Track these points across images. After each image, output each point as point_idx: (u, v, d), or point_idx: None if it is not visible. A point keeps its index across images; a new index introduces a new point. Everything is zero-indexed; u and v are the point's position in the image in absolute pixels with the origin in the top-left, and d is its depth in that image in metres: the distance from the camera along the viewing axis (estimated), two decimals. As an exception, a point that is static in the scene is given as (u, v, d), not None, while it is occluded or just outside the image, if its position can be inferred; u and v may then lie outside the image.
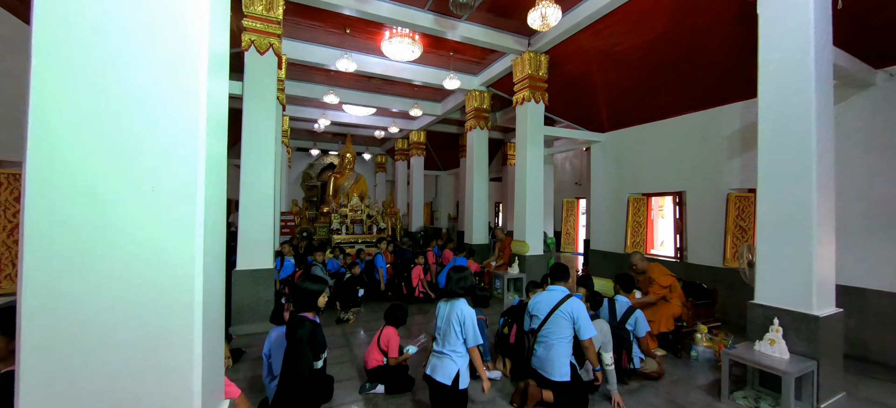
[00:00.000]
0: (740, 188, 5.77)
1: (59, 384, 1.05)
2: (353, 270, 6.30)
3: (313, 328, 2.45)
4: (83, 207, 1.08)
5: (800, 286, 3.26)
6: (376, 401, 3.29)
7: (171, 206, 1.16)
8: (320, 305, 2.64)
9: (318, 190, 16.79)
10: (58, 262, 1.05)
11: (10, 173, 3.59)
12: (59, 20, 1.06)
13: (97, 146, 1.10)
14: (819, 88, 3.23)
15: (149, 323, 1.14)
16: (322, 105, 10.82)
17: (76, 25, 1.07)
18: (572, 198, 13.11)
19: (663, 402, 3.36)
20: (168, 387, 1.15)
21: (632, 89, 6.66)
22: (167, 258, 1.16)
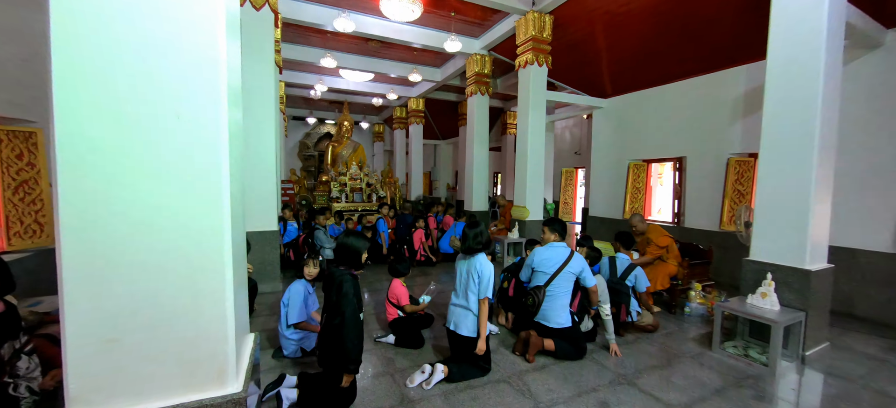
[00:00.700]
0: (741, 153, 5.81)
1: (100, 304, 1.10)
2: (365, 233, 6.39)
3: (355, 282, 2.47)
4: (113, 132, 1.09)
5: (795, 243, 3.36)
6: (386, 351, 3.43)
7: (198, 134, 1.18)
8: (362, 261, 2.67)
9: (316, 160, 16.68)
10: (91, 188, 1.08)
11: (10, 130, 3.54)
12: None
13: (124, 86, 1.10)
14: (830, 46, 3.21)
15: (182, 248, 1.18)
16: (318, 70, 10.58)
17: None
18: (571, 168, 13.12)
19: (658, 351, 3.52)
20: (203, 308, 1.21)
21: (636, 53, 6.56)
22: (197, 186, 1.19)
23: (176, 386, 1.19)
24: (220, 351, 1.24)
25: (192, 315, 1.20)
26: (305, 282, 3.30)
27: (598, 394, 2.80)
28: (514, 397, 2.74)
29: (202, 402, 1.20)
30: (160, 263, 1.16)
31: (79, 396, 1.10)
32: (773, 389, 2.92)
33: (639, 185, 7.42)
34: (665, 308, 4.64)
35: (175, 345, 1.19)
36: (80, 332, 1.09)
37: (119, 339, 1.12)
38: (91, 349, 1.10)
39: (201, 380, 1.22)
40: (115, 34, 1.09)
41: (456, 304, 3.04)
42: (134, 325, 1.14)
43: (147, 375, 1.16)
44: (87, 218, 1.08)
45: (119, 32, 1.09)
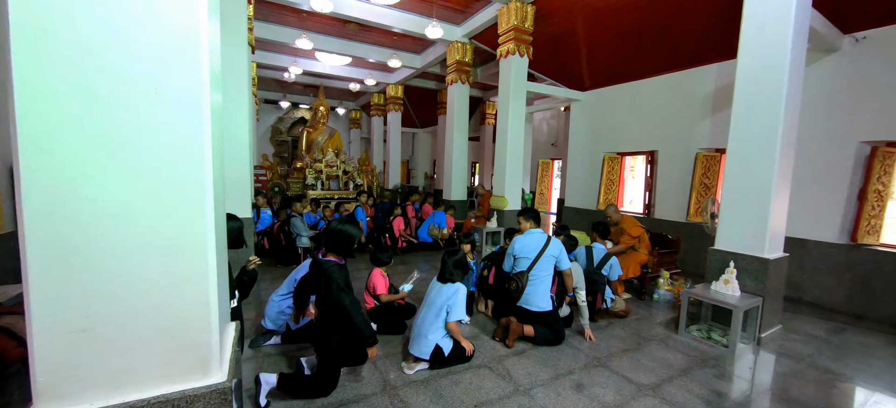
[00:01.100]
0: (708, 148, 6.10)
1: (69, 290, 1.03)
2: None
3: (344, 272, 2.46)
4: (83, 107, 1.01)
5: (756, 234, 3.59)
6: None
7: (179, 111, 1.11)
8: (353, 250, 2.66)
9: (289, 145, 16.13)
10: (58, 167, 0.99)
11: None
12: None
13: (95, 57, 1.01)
14: (795, 49, 3.40)
15: (160, 232, 1.11)
16: (293, 51, 10.16)
17: None
18: (548, 159, 13.38)
19: (629, 335, 3.70)
20: (184, 295, 1.15)
21: (615, 47, 6.71)
22: (178, 167, 1.12)
23: (156, 377, 1.14)
24: (202, 340, 1.19)
25: (173, 303, 1.14)
26: None
27: (574, 376, 2.91)
28: (495, 381, 2.81)
29: (185, 393, 1.15)
30: (137, 249, 1.09)
31: (48, 390, 1.03)
32: (732, 368, 3.14)
33: (613, 177, 7.66)
34: (636, 295, 4.86)
35: (154, 334, 1.13)
36: (49, 322, 1.01)
37: (92, 329, 1.05)
38: (61, 340, 1.03)
39: (183, 370, 1.17)
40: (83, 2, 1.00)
41: (417, 328, 2.93)
42: (108, 314, 1.07)
43: (124, 366, 1.10)
44: (55, 200, 1.00)
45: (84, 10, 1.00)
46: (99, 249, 1.05)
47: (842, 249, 4.61)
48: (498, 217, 6.96)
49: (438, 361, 2.88)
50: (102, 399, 1.08)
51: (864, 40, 4.44)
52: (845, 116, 4.59)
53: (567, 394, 2.68)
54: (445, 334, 2.92)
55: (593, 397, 2.66)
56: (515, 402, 2.57)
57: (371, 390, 2.63)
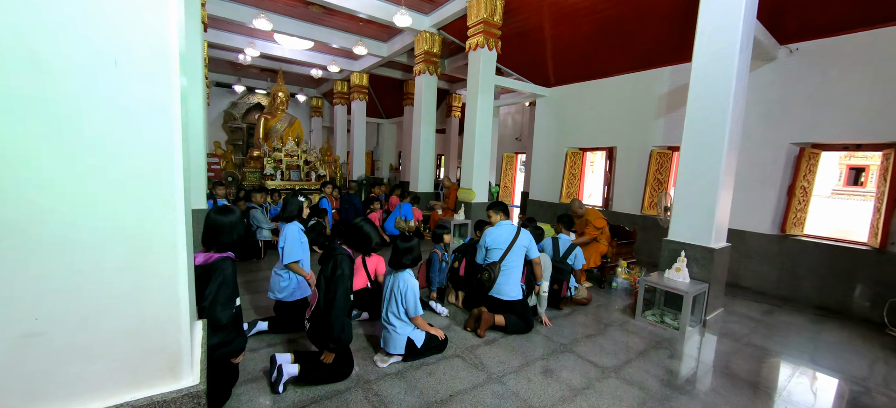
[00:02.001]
0: (662, 145, 6.52)
1: (13, 292, 0.91)
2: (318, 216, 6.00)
3: (351, 262, 2.65)
4: (26, 76, 0.88)
5: (704, 226, 3.91)
6: (354, 328, 3.37)
7: (144, 87, 1.00)
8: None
9: (244, 133, 15.21)
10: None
11: None
12: None
13: (46, 19, 0.88)
14: (741, 56, 3.70)
15: (123, 223, 1.00)
16: (250, 32, 9.54)
17: None
18: (512, 153, 13.67)
19: (591, 321, 3.90)
20: (150, 294, 1.05)
21: (578, 45, 6.94)
22: (143, 151, 1.01)
23: (120, 383, 1.03)
24: (171, 341, 1.09)
25: (138, 302, 1.04)
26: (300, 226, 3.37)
27: (543, 362, 3.03)
28: (468, 370, 2.86)
29: (153, 399, 1.05)
30: (96, 243, 0.97)
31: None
32: (682, 348, 3.41)
33: (574, 171, 7.98)
34: (596, 283, 5.13)
35: (117, 336, 1.02)
36: (-12, 324, 0.89)
37: (42, 333, 0.93)
38: (3, 347, 0.90)
39: (150, 375, 1.07)
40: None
41: (384, 323, 2.92)
42: (62, 315, 0.95)
43: (81, 372, 0.98)
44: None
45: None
46: (50, 245, 0.93)
47: (773, 239, 5.14)
48: (465, 210, 7.03)
49: (412, 353, 2.88)
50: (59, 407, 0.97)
51: (797, 51, 4.93)
52: (779, 119, 5.09)
53: (537, 380, 2.78)
54: (414, 327, 2.92)
55: (562, 381, 2.79)
56: (488, 390, 2.63)
57: (345, 385, 2.57)
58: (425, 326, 2.97)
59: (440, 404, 2.44)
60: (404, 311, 2.83)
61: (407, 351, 2.85)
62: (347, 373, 2.63)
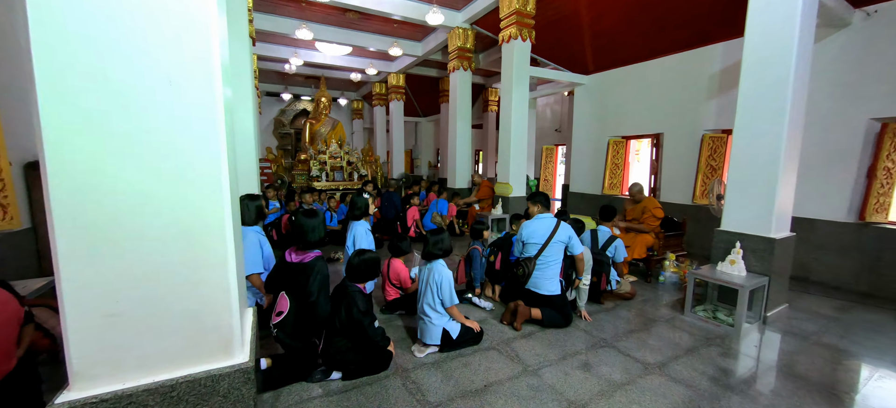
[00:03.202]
0: (715, 129, 6.04)
1: (98, 278, 1.08)
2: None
3: (366, 298, 2.72)
4: (101, 100, 1.04)
5: (762, 214, 3.59)
6: (391, 319, 3.54)
7: (194, 102, 1.13)
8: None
9: (292, 138, 16.15)
10: (80, 159, 1.03)
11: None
12: None
13: (110, 50, 1.04)
14: (803, 25, 3.34)
15: (181, 220, 1.15)
16: (293, 42, 10.12)
17: None
18: (552, 145, 13.30)
19: (635, 316, 3.74)
20: (206, 280, 1.20)
21: (618, 28, 6.61)
22: (196, 156, 1.15)
23: (183, 358, 1.19)
24: (224, 323, 1.24)
25: (195, 287, 1.19)
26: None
27: (582, 357, 2.97)
28: (503, 362, 2.87)
29: (210, 372, 1.20)
30: (159, 236, 1.13)
31: (82, 371, 1.09)
32: (737, 346, 3.17)
33: (617, 161, 7.63)
34: (641, 277, 4.89)
35: (179, 317, 1.18)
36: (80, 308, 1.06)
37: (120, 313, 1.10)
38: (92, 325, 1.08)
39: (208, 351, 1.22)
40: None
41: (420, 314, 2.99)
42: (135, 298, 1.12)
43: (152, 348, 1.15)
44: (80, 192, 1.04)
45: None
46: (123, 238, 1.09)
47: (850, 228, 4.59)
48: (502, 204, 6.98)
49: (448, 344, 2.94)
50: (133, 380, 1.14)
51: (875, 14, 4.34)
52: (855, 93, 4.52)
53: (575, 373, 2.73)
54: (450, 318, 2.98)
55: (601, 376, 2.71)
56: (524, 381, 2.63)
57: (384, 373, 2.70)
58: (460, 317, 3.02)
59: (475, 393, 2.49)
60: (440, 302, 2.91)
61: (443, 342, 2.93)
62: (386, 366, 2.73)
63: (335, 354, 2.56)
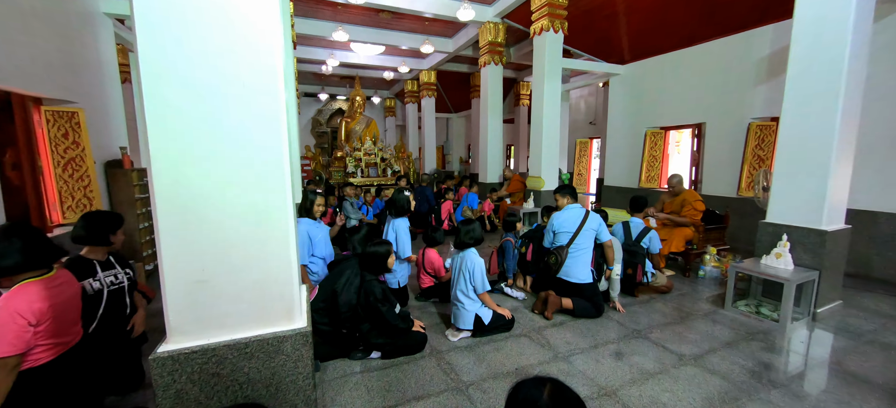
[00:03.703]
0: (763, 117, 5.72)
1: (189, 248, 1.29)
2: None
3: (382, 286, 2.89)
4: (192, 102, 1.25)
5: (812, 204, 3.40)
6: (426, 306, 3.74)
7: (263, 102, 1.33)
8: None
9: (329, 136, 16.82)
10: (177, 150, 1.24)
11: (56, 110, 3.77)
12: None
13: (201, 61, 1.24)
14: (860, 2, 3.13)
15: (255, 203, 1.35)
16: (330, 44, 10.55)
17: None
18: (586, 138, 12.98)
19: (671, 309, 3.68)
20: (272, 255, 1.39)
21: (656, 15, 6.39)
22: (265, 148, 1.35)
23: (254, 320, 1.40)
24: (287, 293, 1.43)
25: (264, 261, 1.39)
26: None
27: (614, 346, 2.99)
28: (534, 348, 2.95)
29: (276, 334, 1.40)
30: (236, 216, 1.33)
31: (177, 327, 1.31)
32: (782, 342, 3.06)
33: (655, 153, 7.38)
34: (679, 272, 4.76)
35: (252, 286, 1.38)
36: (175, 274, 1.29)
37: (206, 280, 1.32)
38: (184, 288, 1.30)
39: (274, 316, 1.42)
40: (187, 14, 1.22)
41: (454, 301, 3.14)
42: (218, 268, 1.33)
43: (230, 310, 1.36)
44: (175, 179, 1.25)
45: (190, 13, 1.22)
46: (208, 217, 1.30)
47: (918, 221, 4.21)
48: (534, 197, 6.98)
49: (480, 329, 3.07)
50: (215, 337, 1.35)
51: (950, -15, 3.94)
52: (925, 73, 4.13)
53: (606, 361, 2.77)
54: (482, 304, 3.09)
55: (633, 364, 2.73)
56: (555, 366, 2.70)
57: (420, 354, 2.87)
58: (492, 304, 3.13)
59: (506, 375, 2.59)
60: (472, 288, 3.03)
61: (475, 327, 3.05)
62: (422, 348, 2.91)
63: (362, 337, 2.76)
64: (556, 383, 0.98)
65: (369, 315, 2.75)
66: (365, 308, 2.75)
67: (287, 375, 1.44)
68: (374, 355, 2.82)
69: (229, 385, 1.37)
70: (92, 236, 2.17)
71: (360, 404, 2.32)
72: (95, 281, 2.13)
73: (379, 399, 2.35)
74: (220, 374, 1.35)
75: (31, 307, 1.45)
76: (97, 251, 2.21)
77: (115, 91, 4.81)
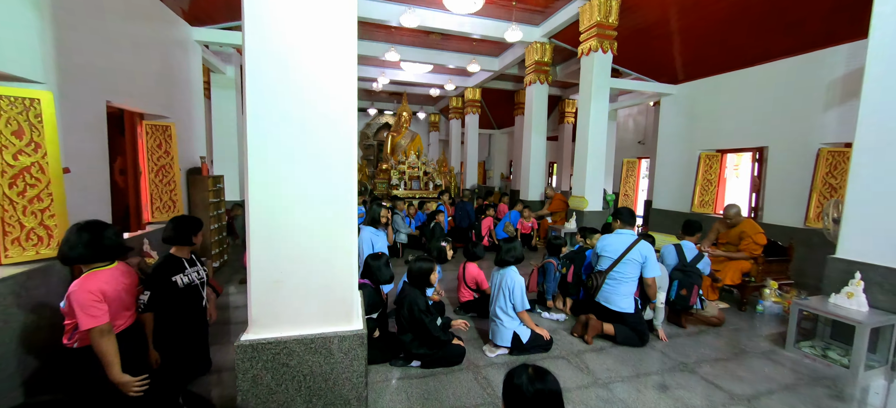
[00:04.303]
0: (835, 142, 5.27)
1: (271, 253, 1.52)
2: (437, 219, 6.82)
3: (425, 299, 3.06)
4: (283, 130, 1.49)
5: (891, 240, 3.10)
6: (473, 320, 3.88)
7: (337, 131, 1.54)
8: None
9: (375, 149, 17.60)
10: (270, 168, 1.48)
11: (153, 124, 4.39)
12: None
13: (288, 95, 1.48)
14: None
15: (323, 216, 1.56)
16: (381, 63, 11.16)
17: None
18: (634, 157, 12.51)
19: (723, 344, 3.47)
20: (336, 262, 1.59)
21: (713, 35, 6.15)
22: (335, 169, 1.56)
23: (318, 320, 1.59)
24: (347, 297, 1.62)
25: (330, 267, 1.59)
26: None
27: (657, 377, 2.89)
28: (572, 371, 2.94)
29: (337, 333, 1.59)
30: (309, 227, 1.55)
31: (257, 320, 1.54)
32: (853, 391, 2.79)
33: (710, 176, 6.99)
34: (734, 305, 4.46)
35: (317, 289, 1.58)
36: (259, 274, 1.52)
37: (283, 281, 1.54)
38: (265, 287, 1.53)
39: (335, 317, 1.61)
40: (286, 60, 1.47)
41: (492, 317, 3.20)
42: (292, 271, 1.55)
43: (300, 309, 1.57)
44: (265, 193, 1.50)
45: (289, 59, 1.47)
46: (287, 226, 1.53)
47: None
48: (577, 217, 6.87)
49: (518, 347, 3.11)
50: (287, 331, 1.56)
51: None
52: None
53: (648, 392, 2.69)
54: (520, 322, 3.13)
55: (678, 399, 2.63)
56: (593, 393, 2.68)
57: (458, 366, 2.96)
58: (531, 322, 3.16)
59: (543, 396, 2.61)
60: (512, 306, 3.09)
61: (513, 345, 3.10)
62: (460, 361, 3.01)
63: (403, 346, 2.91)
64: (536, 368, 1.27)
65: (413, 326, 2.90)
66: (409, 320, 2.90)
67: (343, 371, 1.62)
68: (414, 364, 2.96)
69: (295, 376, 1.57)
70: (180, 237, 2.52)
71: (402, 406, 2.46)
72: (184, 276, 2.47)
73: (418, 405, 2.48)
74: (289, 365, 1.55)
75: (100, 287, 1.77)
76: (183, 250, 2.56)
77: (198, 107, 5.48)
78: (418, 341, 2.92)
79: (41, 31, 2.70)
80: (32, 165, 2.59)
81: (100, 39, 3.36)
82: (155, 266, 2.43)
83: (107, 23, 3.48)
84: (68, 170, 2.84)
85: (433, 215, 7.50)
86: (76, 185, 2.95)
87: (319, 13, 1.48)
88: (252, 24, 1.42)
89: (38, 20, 2.67)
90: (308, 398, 1.58)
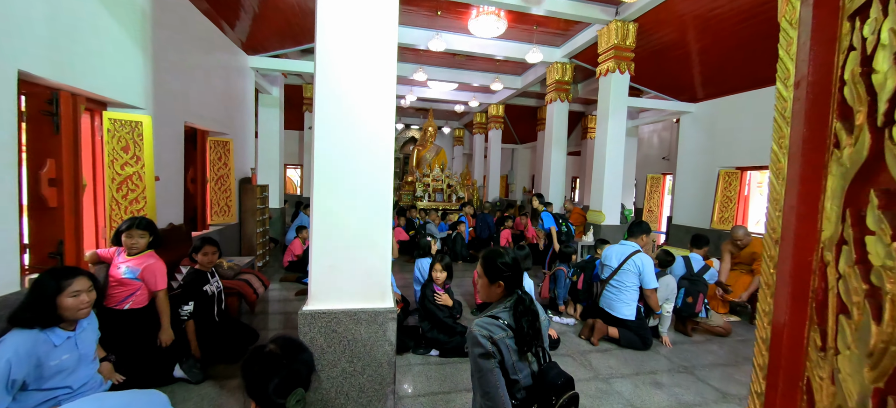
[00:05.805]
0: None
1: (327, 246, 2.00)
2: (458, 229, 7.27)
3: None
4: (342, 156, 1.98)
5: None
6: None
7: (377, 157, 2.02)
8: None
9: (401, 162, 18.34)
10: (331, 181, 1.98)
11: (216, 140, 5.09)
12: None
13: (346, 134, 1.98)
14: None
15: (367, 217, 2.03)
16: (409, 82, 11.85)
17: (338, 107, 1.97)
18: (658, 173, 12.47)
19: (727, 352, 3.66)
20: (374, 251, 2.05)
21: (731, 56, 6.32)
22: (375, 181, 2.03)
23: (361, 297, 2.05)
24: (383, 281, 2.07)
25: (370, 258, 2.05)
26: None
27: (656, 376, 3.15)
28: (575, 367, 3.24)
29: (375, 309, 2.04)
30: (356, 226, 2.02)
31: (315, 295, 2.01)
32: (848, 398, 2.93)
33: (730, 194, 7.05)
34: (747, 319, 4.58)
35: (360, 273, 2.04)
36: (319, 261, 2.00)
37: (335, 266, 2.01)
38: (323, 270, 2.00)
39: (372, 295, 2.06)
40: (341, 101, 1.97)
41: None
42: (342, 259, 2.01)
43: (348, 287, 2.03)
44: (326, 203, 1.99)
45: (343, 101, 1.97)
46: (340, 225, 2.00)
47: None
48: (594, 231, 7.09)
49: None
50: (337, 304, 2.02)
51: None
52: None
53: (645, 388, 2.96)
54: None
55: (672, 394, 2.89)
56: (593, 385, 2.98)
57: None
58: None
59: (547, 384, 2.94)
60: None
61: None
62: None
63: (422, 334, 3.33)
64: (282, 336, 1.26)
65: (427, 314, 3.34)
66: (423, 309, 3.35)
67: (378, 340, 2.05)
68: (433, 353, 3.36)
69: (341, 340, 2.02)
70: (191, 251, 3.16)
71: (422, 386, 2.86)
72: (211, 286, 3.05)
73: (436, 385, 2.88)
74: (337, 331, 2.01)
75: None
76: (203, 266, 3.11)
77: (250, 124, 6.23)
78: (436, 329, 3.34)
79: (144, 67, 3.39)
80: (134, 175, 3.23)
81: (181, 70, 4.07)
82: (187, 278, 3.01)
83: (186, 55, 4.19)
84: (159, 178, 3.50)
85: (455, 226, 7.93)
86: (161, 190, 3.60)
87: (368, 67, 1.98)
88: (322, 75, 1.94)
89: (141, 57, 3.37)
90: (350, 359, 2.03)
